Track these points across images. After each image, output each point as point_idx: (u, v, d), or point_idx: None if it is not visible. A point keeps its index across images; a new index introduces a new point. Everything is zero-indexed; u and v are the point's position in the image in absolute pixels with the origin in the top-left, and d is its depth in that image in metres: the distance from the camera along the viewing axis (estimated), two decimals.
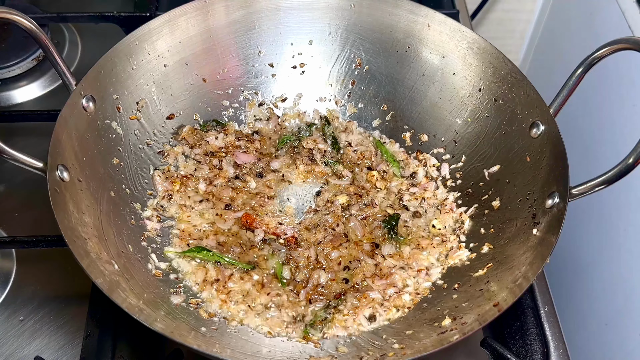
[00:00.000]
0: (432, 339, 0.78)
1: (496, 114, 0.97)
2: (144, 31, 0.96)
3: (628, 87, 1.30)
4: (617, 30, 1.34)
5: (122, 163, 0.93)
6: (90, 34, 1.31)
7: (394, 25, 1.04)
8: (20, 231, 0.95)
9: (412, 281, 0.91)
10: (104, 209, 0.86)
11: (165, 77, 1.00)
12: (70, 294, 0.93)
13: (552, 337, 0.88)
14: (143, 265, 0.86)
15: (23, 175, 1.04)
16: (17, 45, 1.22)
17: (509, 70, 0.95)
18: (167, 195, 0.96)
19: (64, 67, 0.85)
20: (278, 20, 1.06)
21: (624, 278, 1.29)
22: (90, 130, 0.88)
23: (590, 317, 1.41)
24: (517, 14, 1.87)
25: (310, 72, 1.10)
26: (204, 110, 1.05)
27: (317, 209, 0.99)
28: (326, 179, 1.03)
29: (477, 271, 0.87)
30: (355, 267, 0.91)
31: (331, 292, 0.89)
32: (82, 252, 0.74)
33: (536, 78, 1.03)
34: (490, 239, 0.90)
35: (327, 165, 1.04)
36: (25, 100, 1.19)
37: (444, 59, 1.02)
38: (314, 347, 0.82)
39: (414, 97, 1.06)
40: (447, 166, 1.02)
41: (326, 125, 1.08)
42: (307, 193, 1.02)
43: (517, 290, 0.76)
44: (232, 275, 0.89)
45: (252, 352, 0.79)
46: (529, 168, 0.90)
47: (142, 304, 0.76)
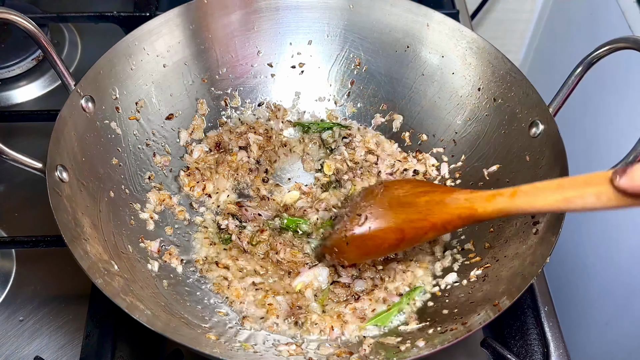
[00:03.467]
0: (432, 339, 0.78)
1: (495, 113, 0.97)
2: (143, 31, 0.96)
3: (628, 87, 1.30)
4: (617, 30, 1.34)
5: (121, 163, 0.93)
6: (90, 34, 1.31)
7: (393, 25, 1.04)
8: (20, 231, 0.95)
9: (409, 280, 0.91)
10: (103, 209, 0.86)
11: (164, 77, 1.00)
12: (70, 294, 0.93)
13: (552, 337, 0.88)
14: (143, 265, 0.86)
15: (23, 175, 1.04)
16: (17, 45, 1.22)
17: (508, 70, 0.95)
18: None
19: (63, 68, 0.85)
20: (277, 20, 1.06)
21: (624, 278, 1.29)
22: (89, 130, 0.88)
23: (590, 317, 1.41)
24: (517, 14, 1.87)
25: (310, 72, 1.10)
26: (203, 110, 1.05)
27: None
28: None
29: (476, 271, 0.87)
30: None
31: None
32: (82, 253, 0.74)
33: (536, 78, 1.02)
34: (490, 238, 0.90)
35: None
36: (25, 100, 1.19)
37: (443, 58, 1.02)
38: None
39: (413, 97, 1.06)
40: (447, 166, 1.02)
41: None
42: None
43: (517, 290, 0.75)
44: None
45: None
46: (528, 167, 0.90)
47: (141, 304, 0.76)
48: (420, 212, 0.81)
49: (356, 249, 0.84)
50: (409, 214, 0.82)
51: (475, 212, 0.77)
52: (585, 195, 0.65)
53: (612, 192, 0.63)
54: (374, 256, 0.89)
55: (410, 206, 0.82)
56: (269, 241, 0.94)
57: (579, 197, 0.66)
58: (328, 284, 0.90)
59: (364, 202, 0.85)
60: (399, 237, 0.82)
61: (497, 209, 0.75)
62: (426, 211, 0.80)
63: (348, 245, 0.84)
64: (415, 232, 0.81)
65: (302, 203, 1.00)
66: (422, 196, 0.82)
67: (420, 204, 0.82)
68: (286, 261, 0.92)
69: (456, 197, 0.79)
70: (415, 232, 0.81)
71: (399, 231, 0.82)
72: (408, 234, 0.81)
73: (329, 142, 1.07)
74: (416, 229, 0.81)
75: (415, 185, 0.86)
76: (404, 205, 0.83)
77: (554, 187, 0.69)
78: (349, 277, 0.91)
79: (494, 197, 0.76)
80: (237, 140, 1.05)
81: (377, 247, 0.84)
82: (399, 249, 0.87)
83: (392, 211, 0.83)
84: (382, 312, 0.87)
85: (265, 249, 0.94)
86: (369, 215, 0.83)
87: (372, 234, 0.83)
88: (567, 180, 0.70)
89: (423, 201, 0.82)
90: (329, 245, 0.88)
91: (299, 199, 1.01)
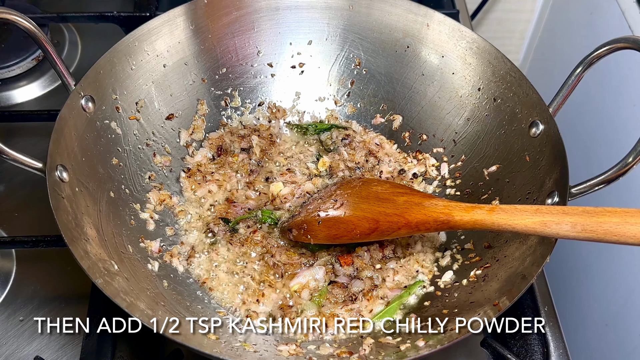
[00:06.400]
0: (432, 339, 0.78)
1: (495, 113, 0.97)
2: (143, 31, 0.96)
3: (628, 87, 1.30)
4: (617, 30, 1.34)
5: (121, 163, 0.93)
6: (90, 34, 1.31)
7: (393, 25, 1.04)
8: (20, 231, 0.95)
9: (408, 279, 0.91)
10: (103, 209, 0.86)
11: (164, 77, 1.00)
12: (70, 294, 0.93)
13: (552, 337, 0.88)
14: (143, 265, 0.86)
15: (23, 175, 1.04)
16: (17, 45, 1.22)
17: (508, 70, 0.95)
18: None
19: (63, 68, 0.85)
20: (277, 20, 1.06)
21: (624, 278, 1.29)
22: (89, 130, 0.88)
23: (590, 317, 1.41)
24: (517, 14, 1.87)
25: (310, 72, 1.10)
26: (203, 110, 1.05)
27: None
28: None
29: (476, 271, 0.87)
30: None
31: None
32: (82, 252, 0.74)
33: (536, 78, 1.03)
34: (490, 238, 0.90)
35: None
36: (25, 100, 1.19)
37: (443, 58, 1.02)
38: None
39: (413, 97, 1.06)
40: (447, 166, 1.02)
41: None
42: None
43: (517, 290, 0.75)
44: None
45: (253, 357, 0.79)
46: (528, 167, 0.90)
47: (141, 304, 0.76)
48: (397, 208, 0.84)
49: (327, 229, 0.88)
50: (385, 208, 0.85)
51: (452, 218, 0.80)
52: (561, 222, 0.71)
53: (586, 224, 0.69)
54: (343, 240, 0.90)
55: (388, 202, 0.86)
56: (263, 243, 0.94)
57: (556, 223, 0.71)
58: (325, 284, 0.90)
59: (339, 191, 0.90)
60: (372, 227, 0.85)
61: (473, 219, 0.79)
62: (403, 209, 0.84)
63: (319, 225, 0.87)
64: (389, 225, 0.84)
65: (286, 191, 1.00)
66: (401, 196, 0.86)
67: (398, 202, 0.85)
68: (282, 263, 0.92)
69: (435, 202, 0.83)
70: (389, 225, 0.84)
71: (374, 221, 0.85)
72: (382, 226, 0.85)
73: (328, 144, 1.07)
74: (390, 223, 0.84)
75: (395, 186, 0.90)
76: (381, 200, 0.86)
77: (532, 210, 0.74)
78: (346, 276, 0.91)
79: (472, 209, 0.79)
80: (240, 142, 1.05)
81: (348, 231, 0.87)
82: (369, 238, 0.89)
83: (369, 203, 0.87)
84: (383, 310, 0.87)
85: (260, 251, 0.93)
86: (345, 202, 0.88)
87: (346, 218, 0.87)
88: (545, 207, 0.75)
89: (401, 200, 0.85)
90: (298, 221, 0.90)
91: (284, 188, 1.00)
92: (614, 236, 0.69)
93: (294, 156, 1.06)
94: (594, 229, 0.69)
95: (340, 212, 0.87)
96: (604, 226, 0.69)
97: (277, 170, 1.03)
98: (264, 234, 0.95)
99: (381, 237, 0.88)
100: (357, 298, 0.88)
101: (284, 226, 0.94)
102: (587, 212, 0.70)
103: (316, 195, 0.94)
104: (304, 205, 0.94)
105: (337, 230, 0.88)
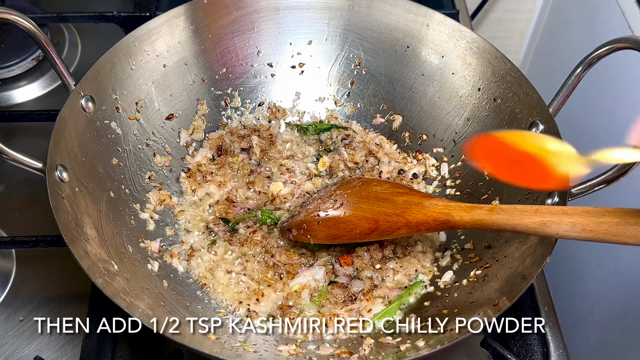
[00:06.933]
0: (432, 339, 0.78)
1: (495, 113, 0.97)
2: (143, 31, 0.96)
3: (627, 87, 1.30)
4: (617, 30, 1.34)
5: (121, 163, 0.93)
6: (90, 34, 1.31)
7: (393, 25, 1.04)
8: (20, 231, 0.95)
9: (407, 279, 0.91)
10: (103, 209, 0.86)
11: (164, 77, 1.00)
12: (70, 294, 0.93)
13: (552, 337, 0.88)
14: (143, 265, 0.86)
15: (23, 175, 1.04)
16: (17, 45, 1.22)
17: (508, 70, 0.95)
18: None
19: (63, 68, 0.85)
20: (277, 20, 1.06)
21: (624, 278, 1.29)
22: (89, 130, 0.88)
23: (590, 317, 1.41)
24: (517, 14, 1.87)
25: (310, 72, 1.10)
26: (203, 110, 1.05)
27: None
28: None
29: (476, 271, 0.87)
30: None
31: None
32: (82, 252, 0.74)
33: (536, 78, 1.02)
34: (490, 238, 0.90)
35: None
36: (25, 100, 1.19)
37: (443, 58, 1.02)
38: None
39: (413, 97, 1.06)
40: (447, 166, 1.02)
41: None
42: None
43: (517, 290, 0.75)
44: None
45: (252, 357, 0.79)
46: None
47: (141, 304, 0.76)
48: (397, 208, 0.84)
49: (326, 229, 0.88)
50: (385, 207, 0.85)
51: (451, 218, 0.80)
52: (561, 222, 0.71)
53: (586, 224, 0.69)
54: (343, 240, 0.90)
55: (387, 202, 0.86)
56: (263, 243, 0.94)
57: (555, 223, 0.71)
58: (325, 284, 0.90)
59: (339, 191, 0.90)
60: (371, 227, 0.85)
61: (474, 219, 0.79)
62: (403, 208, 0.84)
63: (319, 225, 0.87)
64: (388, 225, 0.84)
65: (286, 191, 1.00)
66: (400, 196, 0.86)
67: (397, 202, 0.85)
68: (282, 264, 0.92)
69: (435, 202, 0.83)
70: (389, 225, 0.84)
71: (373, 221, 0.85)
72: (381, 226, 0.85)
73: (328, 144, 1.07)
74: (390, 223, 0.84)
75: (395, 186, 0.90)
76: (381, 200, 0.86)
77: (532, 210, 0.74)
78: (346, 277, 0.91)
79: (472, 209, 0.79)
80: (240, 142, 1.05)
81: (348, 231, 0.87)
82: (369, 238, 0.89)
83: (369, 203, 0.87)
84: (383, 310, 0.87)
85: (260, 252, 0.93)
86: (345, 202, 0.87)
87: (346, 218, 0.87)
88: (545, 207, 0.75)
89: (401, 200, 0.85)
90: (298, 221, 0.90)
91: (284, 188, 1.01)
92: (613, 236, 0.69)
93: (294, 156, 1.06)
94: (594, 229, 0.69)
95: (340, 212, 0.87)
96: (603, 226, 0.69)
97: (277, 170, 1.03)
98: (264, 234, 0.95)
99: (381, 237, 0.88)
100: (357, 298, 0.88)
101: (284, 226, 0.94)
102: (587, 212, 0.70)
103: (316, 195, 0.94)
104: (303, 205, 0.94)
105: (337, 230, 0.88)
